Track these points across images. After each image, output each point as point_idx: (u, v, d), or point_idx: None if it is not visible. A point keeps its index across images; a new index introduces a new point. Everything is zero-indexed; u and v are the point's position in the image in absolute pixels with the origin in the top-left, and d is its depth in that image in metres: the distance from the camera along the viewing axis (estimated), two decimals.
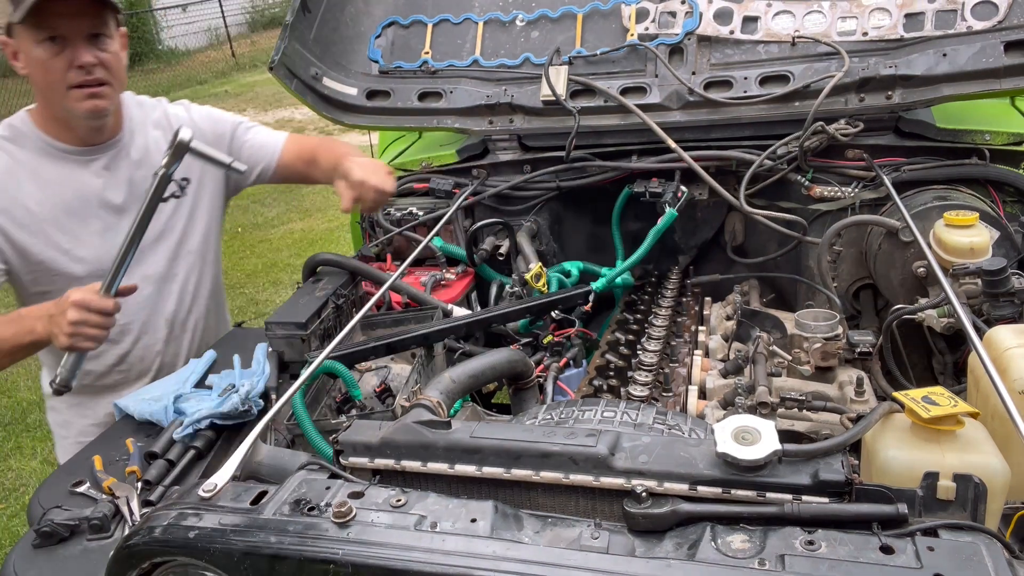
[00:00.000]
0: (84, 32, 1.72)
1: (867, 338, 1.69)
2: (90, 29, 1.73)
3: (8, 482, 3.87)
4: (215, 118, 2.13)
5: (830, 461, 1.04)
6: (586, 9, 2.38)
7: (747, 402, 1.58)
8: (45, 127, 1.84)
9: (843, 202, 2.12)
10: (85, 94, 1.75)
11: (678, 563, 0.93)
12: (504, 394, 2.28)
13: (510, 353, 1.65)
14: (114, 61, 1.80)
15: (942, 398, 1.14)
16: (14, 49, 1.76)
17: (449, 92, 2.40)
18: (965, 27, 2.03)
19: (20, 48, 1.75)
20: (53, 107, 1.80)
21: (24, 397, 4.65)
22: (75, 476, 1.44)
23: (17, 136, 1.83)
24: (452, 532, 1.00)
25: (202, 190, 2.08)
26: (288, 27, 2.37)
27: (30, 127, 1.83)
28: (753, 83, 2.17)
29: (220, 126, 2.12)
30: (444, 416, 1.34)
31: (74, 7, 1.69)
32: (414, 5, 2.54)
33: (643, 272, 2.46)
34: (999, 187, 2.04)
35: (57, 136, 1.84)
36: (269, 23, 19.78)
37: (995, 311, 1.60)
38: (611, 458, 1.09)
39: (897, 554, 0.90)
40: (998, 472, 1.08)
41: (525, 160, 2.44)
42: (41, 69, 1.73)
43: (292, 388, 1.43)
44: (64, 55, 1.72)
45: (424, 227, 2.41)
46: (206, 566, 1.04)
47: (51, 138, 1.83)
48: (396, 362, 1.92)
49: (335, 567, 0.98)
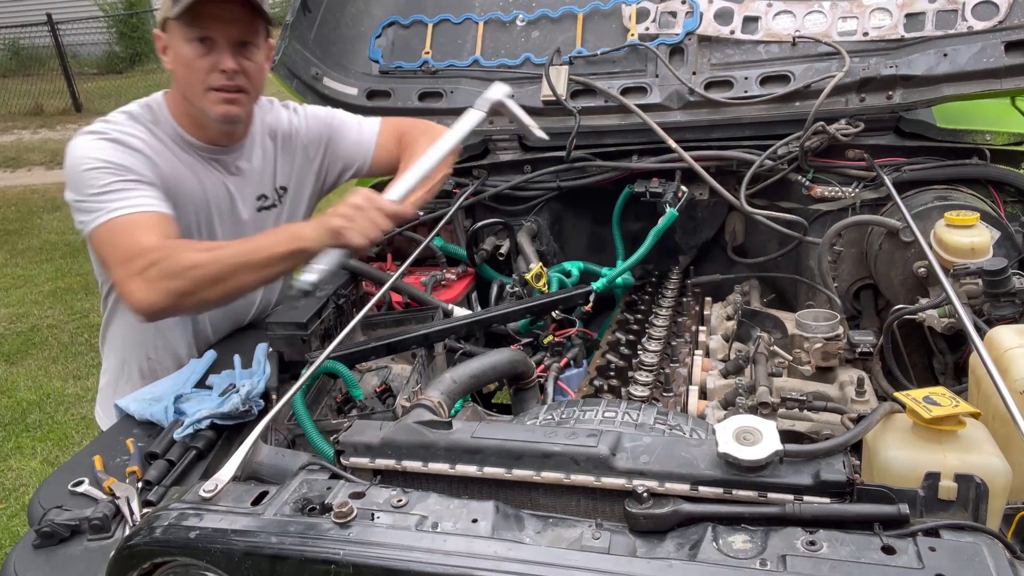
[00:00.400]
0: (234, 38, 1.75)
1: (868, 338, 1.69)
2: (240, 36, 1.75)
3: (8, 482, 3.87)
4: (320, 119, 2.10)
5: (831, 461, 1.04)
6: (586, 9, 2.38)
7: (748, 402, 1.58)
8: (179, 119, 1.85)
9: (844, 202, 2.12)
10: (222, 98, 1.78)
11: (679, 563, 0.93)
12: (505, 394, 2.28)
13: (511, 353, 1.65)
14: (256, 71, 1.83)
15: (943, 398, 1.14)
16: (165, 44, 1.79)
17: (449, 92, 2.41)
18: (966, 27, 2.03)
19: (170, 43, 1.77)
20: (190, 104, 1.82)
21: (24, 397, 4.65)
22: (75, 476, 1.44)
23: (157, 119, 1.84)
24: (453, 532, 1.00)
25: (298, 199, 2.10)
26: (288, 27, 2.37)
27: (166, 115, 1.85)
28: (754, 83, 2.17)
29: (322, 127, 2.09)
30: (445, 416, 1.34)
31: (229, 13, 1.71)
32: (414, 5, 2.54)
33: (643, 272, 2.46)
34: (999, 187, 2.04)
35: (188, 130, 1.85)
36: None
37: (996, 311, 1.60)
38: (612, 458, 1.09)
39: (898, 554, 0.90)
40: (999, 472, 1.08)
41: (525, 160, 2.44)
42: (185, 67, 1.75)
43: (293, 388, 1.43)
44: (210, 57, 1.74)
45: (424, 227, 2.41)
46: (207, 566, 1.04)
47: (183, 130, 1.85)
48: (397, 362, 1.92)
49: (336, 567, 0.98)
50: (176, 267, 1.58)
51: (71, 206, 1.72)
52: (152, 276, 1.57)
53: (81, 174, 1.68)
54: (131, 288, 1.59)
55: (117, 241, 1.63)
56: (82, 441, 4.11)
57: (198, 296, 1.60)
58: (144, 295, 1.57)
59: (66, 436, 4.20)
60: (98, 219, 1.65)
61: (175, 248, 1.63)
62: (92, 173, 1.67)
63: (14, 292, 6.28)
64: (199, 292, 1.59)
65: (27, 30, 14.70)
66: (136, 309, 1.60)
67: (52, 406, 4.52)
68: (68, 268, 6.68)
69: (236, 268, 1.61)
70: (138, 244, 1.61)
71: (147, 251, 1.60)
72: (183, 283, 1.58)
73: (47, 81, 14.12)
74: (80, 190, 1.69)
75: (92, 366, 4.90)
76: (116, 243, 1.63)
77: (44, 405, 4.54)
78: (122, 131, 1.76)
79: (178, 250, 1.62)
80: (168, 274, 1.58)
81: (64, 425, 4.31)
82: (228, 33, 1.73)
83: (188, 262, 1.59)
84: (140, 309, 1.59)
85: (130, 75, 15.74)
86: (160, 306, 1.59)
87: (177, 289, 1.58)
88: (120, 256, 1.62)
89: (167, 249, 1.62)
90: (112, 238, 1.64)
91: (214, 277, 1.60)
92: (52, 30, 13.29)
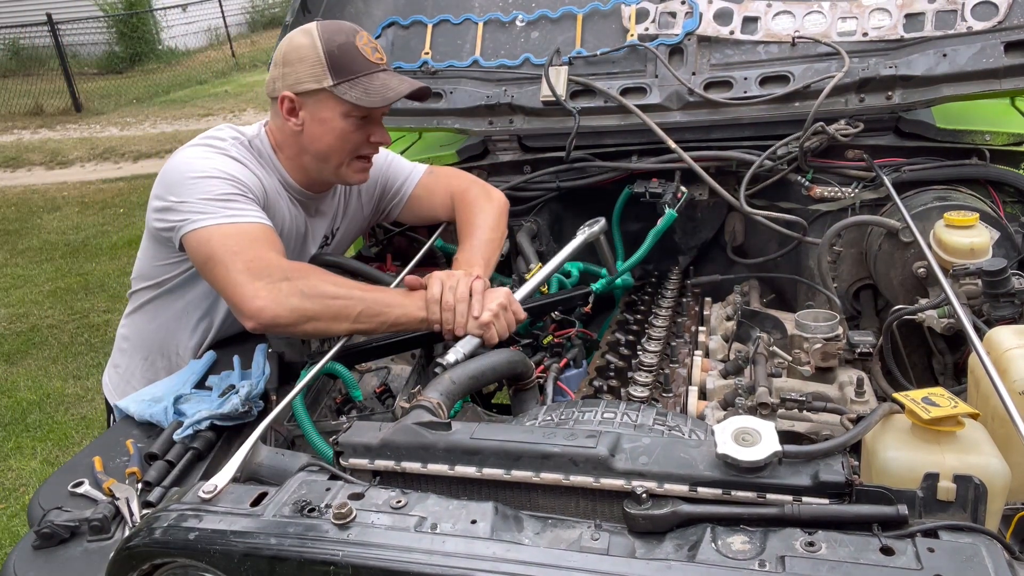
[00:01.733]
0: (386, 112, 1.81)
1: (867, 339, 1.69)
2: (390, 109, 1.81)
3: (8, 482, 3.88)
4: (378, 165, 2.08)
5: (830, 462, 1.04)
6: (586, 9, 2.38)
7: (747, 403, 1.58)
8: (284, 162, 1.87)
9: (843, 202, 2.12)
10: (364, 166, 1.84)
11: (678, 564, 0.93)
12: (504, 395, 2.28)
13: (510, 354, 1.65)
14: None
15: (942, 399, 1.14)
16: (298, 107, 1.78)
17: (449, 92, 2.40)
18: (965, 27, 2.03)
19: (315, 111, 1.77)
20: (317, 163, 1.83)
21: (24, 397, 4.65)
22: (75, 477, 1.44)
23: (260, 153, 1.86)
24: (452, 533, 1.00)
25: (341, 242, 2.15)
26: (288, 27, 2.37)
27: (268, 152, 1.86)
28: (753, 83, 2.17)
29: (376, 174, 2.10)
30: (444, 417, 1.34)
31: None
32: (414, 5, 2.54)
33: (643, 272, 2.46)
34: (999, 187, 2.04)
35: (291, 173, 1.87)
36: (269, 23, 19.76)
37: (995, 312, 1.60)
38: (611, 459, 1.09)
39: (897, 555, 0.90)
40: (998, 473, 1.08)
41: (525, 160, 2.44)
42: (336, 137, 1.77)
43: (294, 390, 1.43)
44: (365, 130, 1.79)
45: (425, 227, 2.40)
46: (206, 567, 1.04)
47: (283, 166, 1.87)
48: (396, 363, 1.92)
49: (335, 568, 0.98)
50: (312, 290, 1.60)
51: (165, 209, 1.70)
52: (284, 290, 1.58)
53: (194, 180, 1.68)
54: (256, 294, 1.57)
55: (239, 245, 1.62)
56: (82, 441, 4.11)
57: (320, 324, 1.61)
58: (269, 304, 1.56)
59: (66, 436, 4.20)
60: (213, 219, 1.64)
61: (310, 271, 1.66)
62: (210, 182, 1.68)
63: (14, 292, 6.28)
64: (323, 320, 1.60)
65: (27, 30, 14.69)
66: (252, 315, 1.58)
67: (52, 406, 4.52)
68: (68, 268, 6.68)
69: (370, 314, 1.63)
70: (268, 255, 1.62)
71: (280, 265, 1.61)
72: (313, 306, 1.59)
73: (47, 81, 14.12)
74: (188, 194, 1.67)
75: (92, 366, 4.90)
76: (238, 246, 1.61)
77: (44, 405, 4.55)
78: (238, 152, 1.78)
79: (313, 274, 1.65)
80: (301, 293, 1.58)
81: (64, 425, 4.31)
82: (384, 109, 1.79)
83: (324, 290, 1.61)
84: (258, 316, 1.58)
85: (130, 75, 15.74)
86: (283, 320, 1.59)
87: (305, 310, 1.58)
88: (246, 261, 1.60)
89: (304, 270, 1.65)
90: (228, 240, 1.62)
91: (345, 313, 1.61)
92: (52, 30, 13.28)
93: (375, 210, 2.18)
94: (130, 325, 2.01)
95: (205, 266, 1.66)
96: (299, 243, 1.98)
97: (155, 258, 1.85)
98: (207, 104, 13.17)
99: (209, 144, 1.77)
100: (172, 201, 1.69)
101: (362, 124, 1.78)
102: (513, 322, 1.73)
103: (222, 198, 1.67)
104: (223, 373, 1.71)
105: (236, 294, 1.60)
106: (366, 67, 1.73)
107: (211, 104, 13.14)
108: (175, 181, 1.71)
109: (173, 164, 1.74)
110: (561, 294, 2.11)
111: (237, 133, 1.85)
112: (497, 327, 1.68)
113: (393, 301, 1.68)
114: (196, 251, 1.67)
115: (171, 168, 1.74)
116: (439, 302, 1.66)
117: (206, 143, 1.78)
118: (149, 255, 1.87)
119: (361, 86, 1.72)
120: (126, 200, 8.35)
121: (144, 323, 1.95)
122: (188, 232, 1.66)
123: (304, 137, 1.80)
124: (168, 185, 1.72)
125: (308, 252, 2.03)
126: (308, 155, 1.83)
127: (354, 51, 1.72)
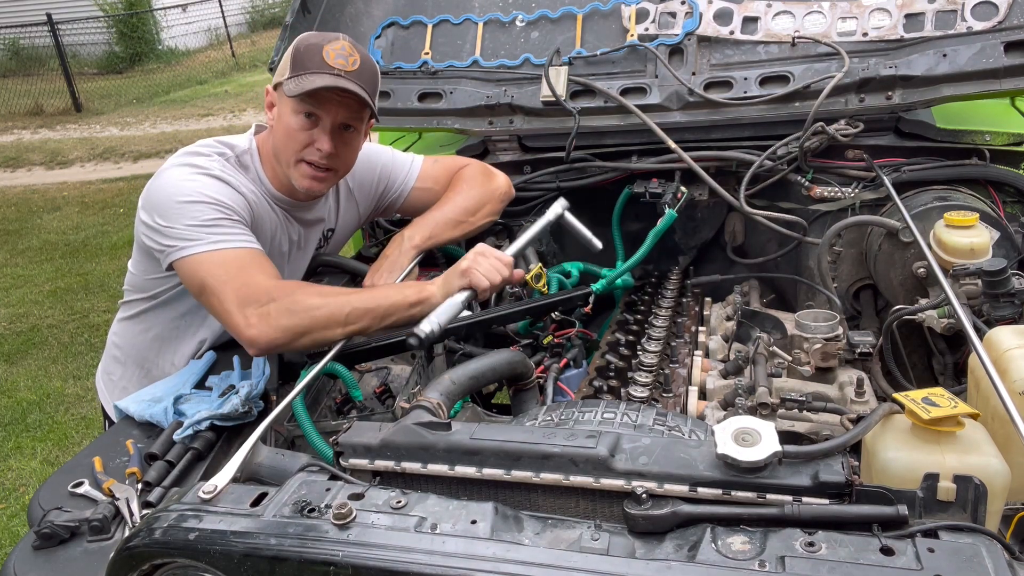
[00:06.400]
0: (338, 121, 1.78)
1: (867, 339, 1.69)
2: (344, 120, 1.78)
3: (8, 482, 3.88)
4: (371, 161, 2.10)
5: (830, 462, 1.04)
6: (586, 9, 2.38)
7: (747, 403, 1.58)
8: (265, 167, 1.88)
9: (843, 202, 2.12)
10: (309, 173, 1.81)
11: (678, 564, 0.93)
12: (504, 395, 2.28)
13: (510, 354, 1.65)
14: (349, 153, 1.87)
15: (942, 399, 1.14)
16: (273, 102, 1.83)
17: (449, 93, 2.40)
18: (965, 27, 2.03)
19: (278, 105, 1.81)
20: (277, 166, 1.86)
21: (24, 397, 4.65)
22: (75, 477, 1.44)
23: (247, 168, 1.87)
24: (452, 534, 1.00)
25: (337, 241, 2.16)
26: (288, 28, 2.37)
27: (256, 162, 1.88)
28: (753, 83, 2.17)
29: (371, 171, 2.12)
30: (444, 417, 1.34)
31: (340, 97, 1.74)
32: (414, 5, 2.54)
33: (643, 273, 2.46)
34: (999, 187, 2.04)
35: (272, 181, 1.88)
36: (269, 23, 19.75)
37: (995, 312, 1.60)
38: (611, 459, 1.09)
39: (897, 555, 0.90)
40: (998, 473, 1.08)
41: (525, 160, 2.44)
42: (286, 134, 1.79)
43: (295, 391, 1.43)
44: (311, 133, 1.78)
45: None
46: (206, 568, 1.04)
47: (267, 178, 1.88)
48: (396, 363, 1.92)
49: (335, 569, 0.98)
50: (297, 305, 1.61)
51: (153, 229, 1.71)
52: (273, 312, 1.60)
53: (180, 205, 1.69)
54: (248, 323, 1.60)
55: (227, 273, 1.64)
56: (82, 441, 4.11)
57: (316, 335, 1.63)
58: (262, 330, 1.59)
59: (66, 436, 4.20)
60: (200, 247, 1.66)
61: (294, 288, 1.68)
62: (195, 207, 1.69)
63: (14, 292, 6.28)
64: (316, 331, 1.62)
65: (27, 30, 14.69)
66: (249, 343, 1.62)
67: (52, 406, 4.52)
68: (68, 268, 6.68)
69: (359, 312, 1.65)
70: (254, 280, 1.64)
71: (266, 289, 1.63)
72: (302, 320, 1.61)
73: (47, 81, 14.11)
74: (175, 219, 1.69)
75: (92, 366, 4.90)
76: (226, 275, 1.64)
77: (44, 405, 4.55)
78: (222, 169, 1.79)
79: (298, 290, 1.67)
80: (289, 312, 1.60)
81: (64, 425, 4.31)
82: (334, 114, 1.77)
83: (310, 303, 1.63)
84: (255, 344, 1.61)
85: (130, 75, 15.73)
86: (279, 341, 1.61)
87: (296, 326, 1.61)
88: (234, 289, 1.62)
89: (288, 288, 1.66)
90: (216, 269, 1.64)
91: (334, 318, 1.63)
92: (52, 30, 13.27)
93: (375, 208, 2.18)
94: (123, 333, 2.01)
95: (200, 295, 1.70)
96: (294, 251, 1.99)
97: (146, 272, 1.86)
98: (207, 104, 13.17)
99: (192, 164, 1.77)
100: (160, 224, 1.70)
101: (308, 125, 1.77)
102: (499, 266, 1.76)
103: (208, 223, 1.68)
104: (223, 373, 1.71)
105: (231, 324, 1.64)
106: (319, 67, 1.70)
107: (211, 104, 13.14)
108: (161, 203, 1.72)
109: (159, 185, 1.75)
110: (561, 294, 2.11)
111: (223, 148, 1.85)
112: (480, 270, 1.72)
113: (380, 293, 1.73)
114: (188, 280, 1.70)
115: (157, 189, 1.74)
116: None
117: (189, 162, 1.77)
118: (141, 268, 1.88)
119: (300, 80, 1.71)
120: (126, 200, 8.34)
121: (138, 333, 1.96)
122: (177, 260, 1.68)
123: (273, 134, 1.84)
124: (154, 205, 1.73)
125: (305, 259, 2.03)
126: (274, 153, 1.85)
127: (316, 53, 1.72)
